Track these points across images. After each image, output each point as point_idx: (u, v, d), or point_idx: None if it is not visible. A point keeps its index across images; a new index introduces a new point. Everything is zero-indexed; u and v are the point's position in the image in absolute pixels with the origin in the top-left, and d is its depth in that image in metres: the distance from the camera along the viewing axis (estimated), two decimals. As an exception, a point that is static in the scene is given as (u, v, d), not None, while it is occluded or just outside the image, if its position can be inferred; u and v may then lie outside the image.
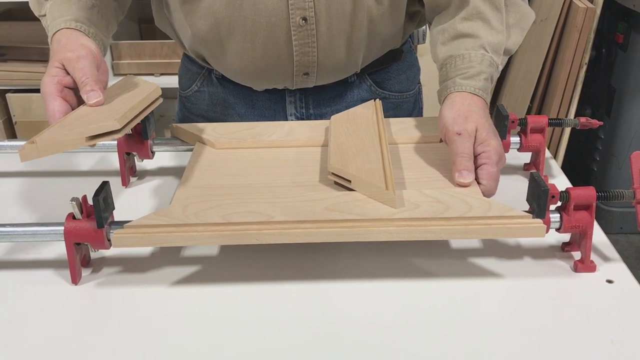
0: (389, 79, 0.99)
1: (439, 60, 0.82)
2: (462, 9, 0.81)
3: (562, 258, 0.71)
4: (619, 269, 0.69)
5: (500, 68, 0.81)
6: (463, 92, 0.76)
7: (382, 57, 0.96)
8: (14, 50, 2.12)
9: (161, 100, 0.76)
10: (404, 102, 1.02)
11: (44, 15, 0.82)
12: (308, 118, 0.97)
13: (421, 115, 1.08)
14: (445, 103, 0.77)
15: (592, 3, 1.98)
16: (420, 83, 1.07)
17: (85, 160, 0.95)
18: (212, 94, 0.99)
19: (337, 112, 0.95)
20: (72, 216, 0.66)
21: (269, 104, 0.97)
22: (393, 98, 1.00)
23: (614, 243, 0.74)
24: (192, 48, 0.93)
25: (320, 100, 0.96)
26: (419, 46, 2.17)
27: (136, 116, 0.71)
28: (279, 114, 0.97)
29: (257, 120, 0.98)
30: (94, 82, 0.71)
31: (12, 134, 2.19)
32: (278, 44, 0.86)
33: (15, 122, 2.16)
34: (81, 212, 0.66)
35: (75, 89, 0.73)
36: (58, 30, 0.77)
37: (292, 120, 0.98)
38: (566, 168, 2.31)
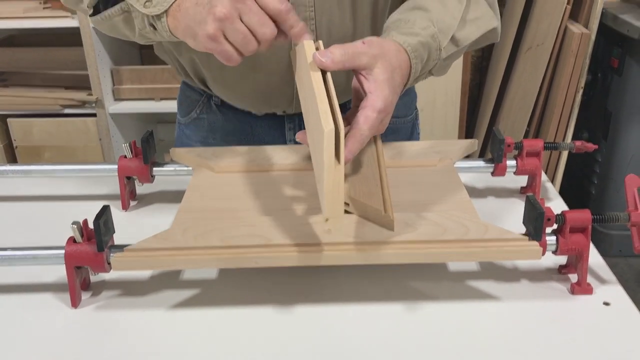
0: None
1: (387, 23, 0.80)
2: None
3: (559, 280, 0.72)
4: (615, 291, 0.70)
5: (444, 54, 0.79)
6: (396, 42, 0.74)
7: None
8: (15, 75, 2.15)
9: None
10: (401, 127, 1.04)
11: None
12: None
13: (418, 140, 1.09)
14: None
15: (586, 28, 2.00)
16: (417, 109, 1.09)
17: (85, 184, 0.96)
18: (212, 122, 1.00)
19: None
20: (72, 240, 0.67)
21: (268, 131, 0.98)
22: (390, 123, 1.01)
23: (613, 266, 0.74)
24: (193, 72, 0.94)
25: None
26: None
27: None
28: (278, 141, 0.98)
29: None
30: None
31: (12, 158, 2.21)
32: (279, 68, 0.87)
33: (16, 147, 2.18)
34: (82, 236, 0.67)
35: None
36: None
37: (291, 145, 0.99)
38: (565, 191, 2.33)
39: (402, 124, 1.04)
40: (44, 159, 2.18)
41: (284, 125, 0.97)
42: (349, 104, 0.97)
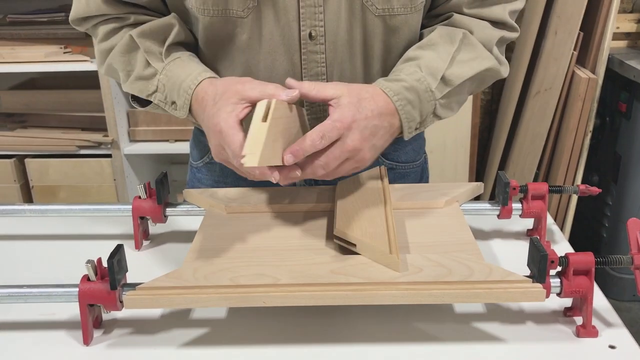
0: (395, 150, 1.02)
1: None
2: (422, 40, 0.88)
3: (565, 323, 0.72)
4: (621, 335, 0.70)
5: (438, 94, 0.82)
6: (375, 86, 0.79)
7: None
8: (34, 117, 2.20)
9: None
10: (410, 172, 1.05)
11: (155, 91, 0.84)
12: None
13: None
14: None
15: (593, 74, 2.03)
16: (425, 153, 1.10)
17: (100, 223, 0.98)
18: (223, 167, 1.02)
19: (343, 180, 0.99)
20: (86, 278, 0.69)
21: None
22: (400, 168, 1.03)
23: (628, 310, 0.75)
24: (193, 122, 0.97)
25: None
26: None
27: None
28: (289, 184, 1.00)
29: None
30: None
31: (28, 198, 2.24)
32: None
33: (32, 187, 2.22)
34: (96, 274, 0.68)
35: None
36: (200, 83, 0.80)
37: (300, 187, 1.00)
38: (576, 235, 2.33)
39: (411, 168, 1.06)
40: (59, 199, 2.22)
41: None
42: None
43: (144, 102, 0.89)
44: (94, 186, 2.21)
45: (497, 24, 0.89)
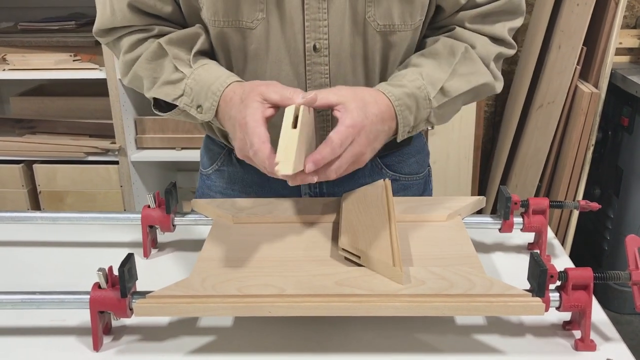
0: (399, 162, 1.04)
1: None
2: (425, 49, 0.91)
3: (564, 336, 0.74)
4: (619, 349, 0.72)
5: (435, 103, 0.85)
6: (378, 90, 0.82)
7: (392, 142, 1.02)
8: (43, 123, 2.23)
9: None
10: (413, 184, 1.07)
11: (181, 95, 0.86)
12: (321, 196, 1.02)
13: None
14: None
15: (596, 88, 2.05)
16: (429, 166, 1.12)
17: (109, 231, 1.00)
18: (231, 174, 1.04)
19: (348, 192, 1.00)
20: (97, 285, 0.71)
21: (285, 184, 1.02)
22: (403, 180, 1.05)
23: (628, 323, 0.76)
24: (215, 127, 1.00)
25: (333, 180, 1.01)
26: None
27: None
28: (294, 193, 1.02)
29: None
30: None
31: (35, 203, 2.27)
32: None
33: (40, 192, 2.24)
34: (106, 282, 0.70)
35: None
36: (228, 86, 0.83)
37: (306, 198, 1.02)
38: (578, 247, 2.34)
39: (414, 180, 1.07)
40: (66, 204, 2.24)
41: None
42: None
43: (165, 109, 0.91)
44: (101, 192, 2.23)
45: (496, 40, 0.92)
